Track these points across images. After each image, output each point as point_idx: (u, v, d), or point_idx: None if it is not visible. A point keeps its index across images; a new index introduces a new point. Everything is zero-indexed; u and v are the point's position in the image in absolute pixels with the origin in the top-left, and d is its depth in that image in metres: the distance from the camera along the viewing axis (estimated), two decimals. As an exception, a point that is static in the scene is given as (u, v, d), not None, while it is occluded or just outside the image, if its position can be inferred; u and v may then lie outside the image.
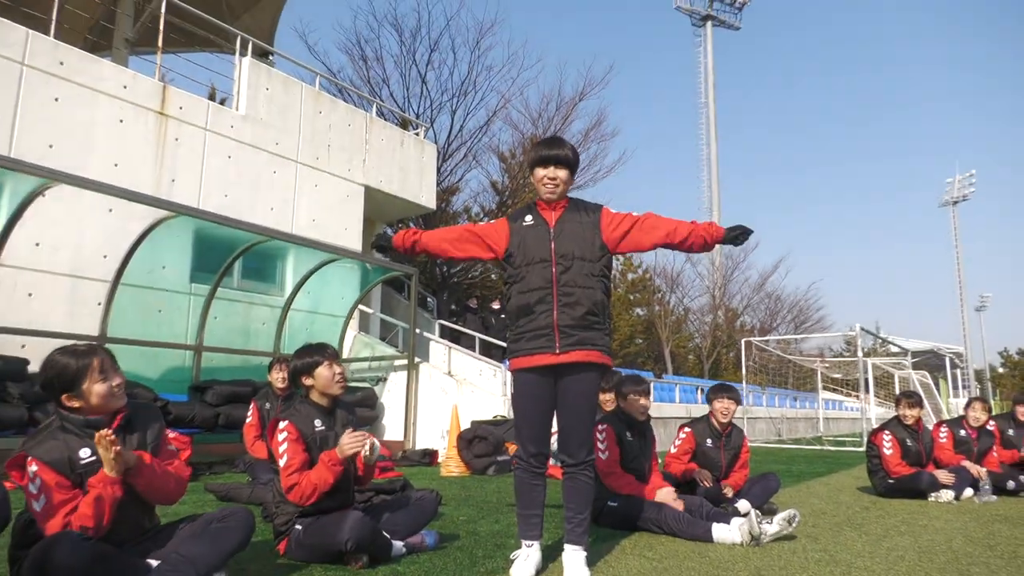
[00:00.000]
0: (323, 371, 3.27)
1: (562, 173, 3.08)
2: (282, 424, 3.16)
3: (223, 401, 7.95)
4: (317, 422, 3.22)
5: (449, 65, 22.37)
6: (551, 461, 4.05)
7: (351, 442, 3.11)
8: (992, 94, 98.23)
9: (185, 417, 7.45)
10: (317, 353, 3.31)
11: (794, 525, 3.75)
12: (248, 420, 5.90)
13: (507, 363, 3.20)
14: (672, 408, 13.46)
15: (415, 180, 13.51)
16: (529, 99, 28.96)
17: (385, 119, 15.15)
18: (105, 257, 8.22)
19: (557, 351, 2.93)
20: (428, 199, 13.82)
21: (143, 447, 2.52)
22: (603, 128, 23.05)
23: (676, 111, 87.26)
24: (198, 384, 8.25)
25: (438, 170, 17.79)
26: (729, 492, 4.61)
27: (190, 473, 2.63)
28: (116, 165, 8.75)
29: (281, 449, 3.12)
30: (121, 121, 8.91)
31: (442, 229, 3.22)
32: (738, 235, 2.99)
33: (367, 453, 3.17)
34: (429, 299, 19.18)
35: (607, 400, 5.46)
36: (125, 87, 8.99)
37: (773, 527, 3.67)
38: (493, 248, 3.11)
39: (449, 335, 13.39)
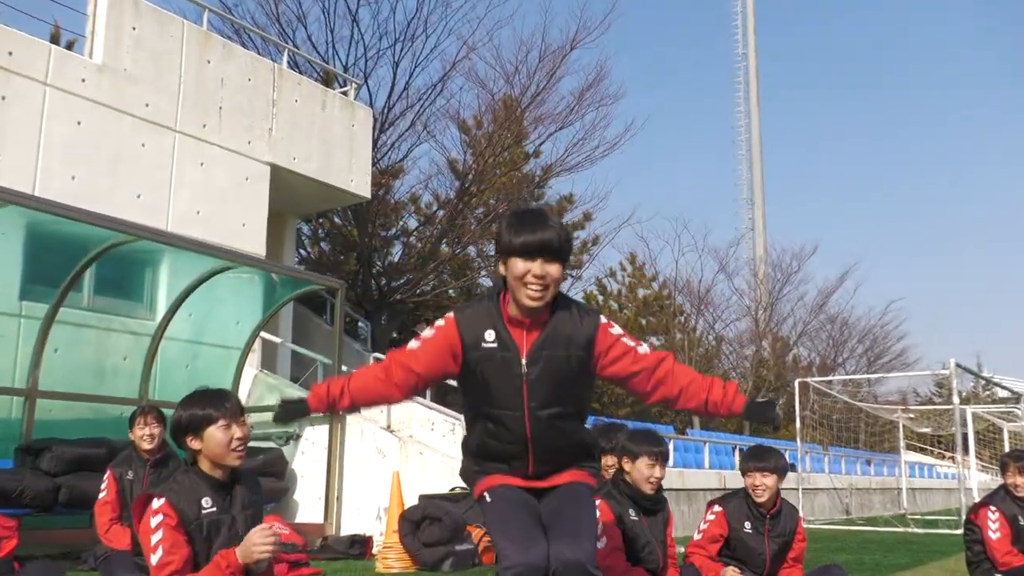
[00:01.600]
0: (216, 433, 3.19)
1: (554, 269, 2.88)
2: (156, 503, 3.11)
3: (66, 469, 7.80)
4: (206, 501, 3.15)
5: (391, -1, 22.45)
6: None
7: (263, 543, 3.05)
8: None
9: (10, 491, 7.29)
10: (211, 405, 3.24)
11: None
12: (102, 495, 5.78)
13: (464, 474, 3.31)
14: (699, 476, 13.52)
15: (342, 157, 13.48)
16: (501, 47, 29.13)
17: (301, 72, 15.13)
18: (-102, 263, 8.05)
19: (531, 479, 3.09)
20: (361, 184, 13.80)
21: None
22: (603, 88, 23.27)
23: (705, 66, 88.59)
24: (29, 445, 8.10)
25: (375, 144, 17.80)
26: None
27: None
28: (-84, 133, 8.63)
29: (154, 539, 3.06)
30: (-76, 71, 8.79)
31: (370, 369, 3.14)
32: (760, 411, 3.20)
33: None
34: (361, 324, 19.13)
35: (606, 465, 5.49)
36: (-70, 23, 8.88)
37: None
38: (444, 376, 3.10)
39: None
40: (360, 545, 8.62)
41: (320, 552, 8.45)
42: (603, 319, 3.05)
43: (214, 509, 3.17)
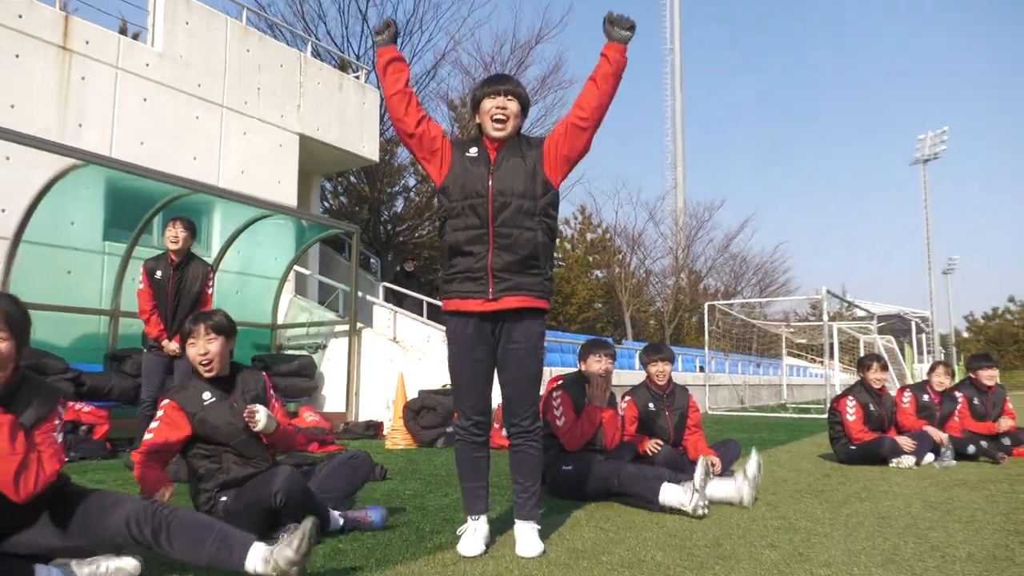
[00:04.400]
0: (188, 348, 3.15)
1: (513, 105, 2.97)
2: (163, 403, 3.13)
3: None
4: (206, 395, 3.13)
5: (393, 0, 21.82)
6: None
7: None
8: (966, 49, 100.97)
9: (101, 389, 7.28)
10: (192, 322, 3.17)
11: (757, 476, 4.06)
12: (140, 287, 5.63)
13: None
14: (632, 376, 13.72)
15: (355, 129, 13.25)
16: (481, 41, 28.65)
17: (322, 60, 14.76)
18: (3, 211, 7.87)
19: (490, 296, 2.90)
20: (370, 150, 13.59)
21: (24, 427, 2.33)
22: (561, 75, 23.01)
23: (641, 59, 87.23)
24: (115, 353, 8.05)
25: (381, 119, 17.47)
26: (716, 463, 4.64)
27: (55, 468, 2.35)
28: (13, 107, 8.33)
29: (153, 425, 3.10)
30: (17, 56, 8.45)
31: (403, 90, 3.00)
32: (619, 20, 2.93)
33: (255, 423, 3.11)
34: (372, 260, 19.00)
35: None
36: (20, 16, 8.51)
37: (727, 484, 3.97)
38: (429, 158, 3.00)
39: (394, 298, 13.33)
40: (374, 428, 8.72)
41: (342, 434, 8.55)
42: (549, 136, 3.03)
43: (214, 399, 3.14)
